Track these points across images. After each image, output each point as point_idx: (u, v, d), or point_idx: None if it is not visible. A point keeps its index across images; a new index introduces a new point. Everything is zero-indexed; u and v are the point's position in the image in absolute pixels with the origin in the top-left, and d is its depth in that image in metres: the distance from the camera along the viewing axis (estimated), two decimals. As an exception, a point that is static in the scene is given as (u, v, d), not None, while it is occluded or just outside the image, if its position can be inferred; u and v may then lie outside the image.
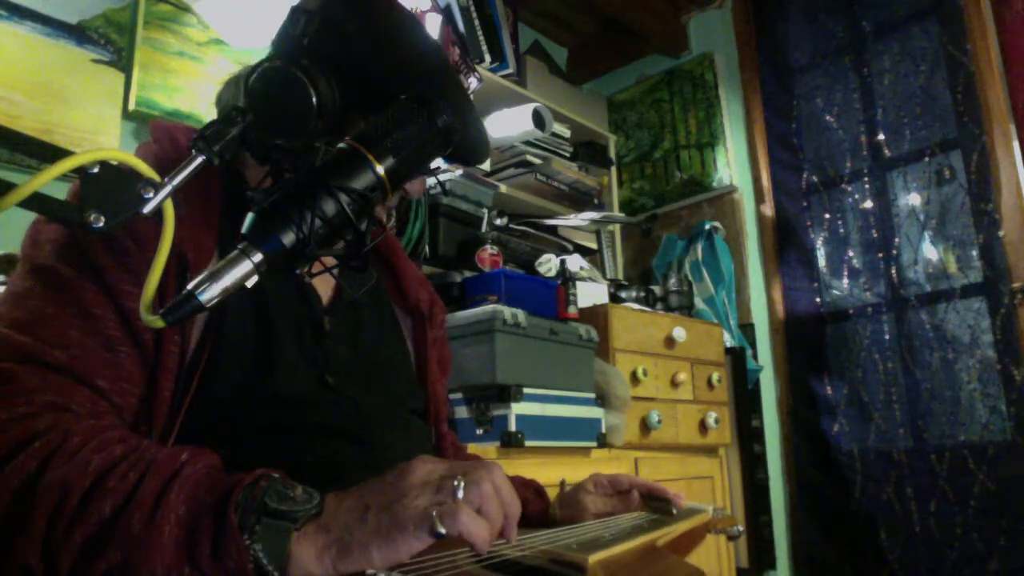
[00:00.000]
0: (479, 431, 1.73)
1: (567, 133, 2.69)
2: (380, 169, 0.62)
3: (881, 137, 2.66)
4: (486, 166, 2.41)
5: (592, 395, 1.92)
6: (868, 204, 2.68)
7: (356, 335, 0.90)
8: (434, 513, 0.50)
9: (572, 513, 0.98)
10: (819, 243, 2.77)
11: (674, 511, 0.93)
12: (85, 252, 0.70)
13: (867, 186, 2.68)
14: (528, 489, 1.05)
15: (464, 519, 0.50)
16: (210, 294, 0.55)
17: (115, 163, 0.54)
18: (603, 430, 1.91)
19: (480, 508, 0.53)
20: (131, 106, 1.92)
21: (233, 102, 0.90)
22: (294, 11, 0.76)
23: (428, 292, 1.06)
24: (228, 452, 0.61)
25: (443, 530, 0.49)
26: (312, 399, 0.80)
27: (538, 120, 2.42)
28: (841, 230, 2.73)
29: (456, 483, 0.52)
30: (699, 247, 2.79)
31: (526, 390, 1.72)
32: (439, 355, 1.04)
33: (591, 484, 0.99)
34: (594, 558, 0.61)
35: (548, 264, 2.24)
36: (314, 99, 0.71)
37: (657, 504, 0.96)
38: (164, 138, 0.82)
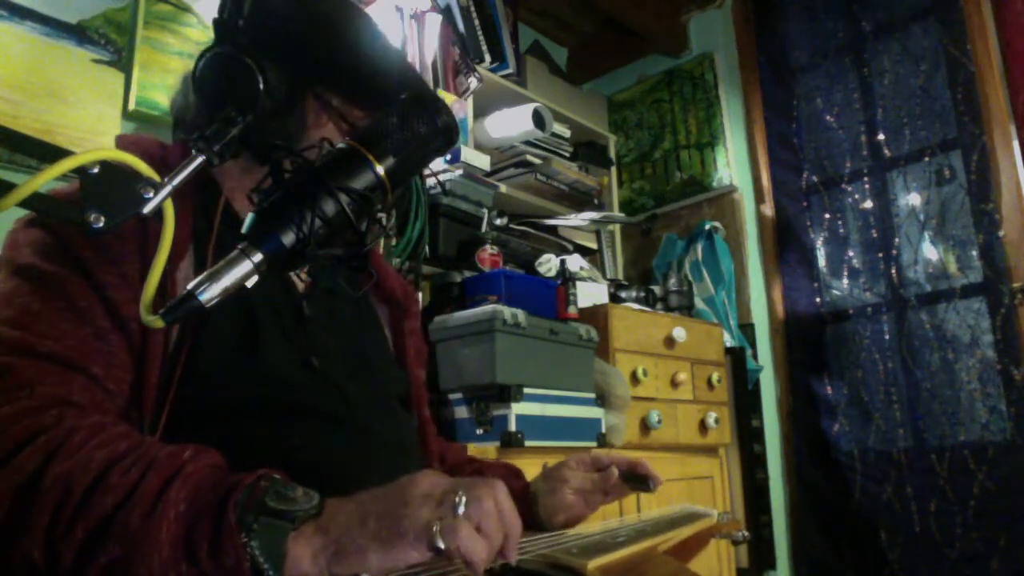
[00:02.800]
0: (479, 431, 1.72)
1: (567, 133, 2.69)
2: (380, 169, 0.62)
3: (881, 137, 2.66)
4: (486, 166, 2.41)
5: (592, 395, 1.91)
6: (868, 204, 2.68)
7: (336, 322, 0.90)
8: (435, 528, 0.50)
9: (552, 487, 0.99)
10: (819, 243, 2.77)
11: (651, 486, 0.96)
12: (66, 247, 0.71)
13: (867, 186, 2.68)
14: (508, 472, 1.08)
15: (463, 535, 0.50)
16: (210, 294, 0.55)
17: (115, 163, 0.54)
18: (603, 430, 1.91)
19: (480, 525, 0.53)
20: (131, 106, 1.92)
21: (182, 97, 0.92)
22: None
23: (401, 284, 1.07)
24: (217, 436, 0.62)
25: (442, 545, 0.50)
26: (298, 382, 0.80)
27: (538, 120, 2.42)
28: (841, 230, 2.73)
29: (458, 498, 0.52)
30: (699, 247, 2.79)
31: (526, 390, 1.72)
32: (416, 346, 1.05)
33: (573, 461, 1.01)
34: (593, 563, 0.61)
35: (548, 264, 2.24)
36: (260, 79, 0.71)
37: (635, 481, 0.98)
38: (131, 148, 0.83)
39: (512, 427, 1.67)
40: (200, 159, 0.60)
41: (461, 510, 0.52)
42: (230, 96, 0.71)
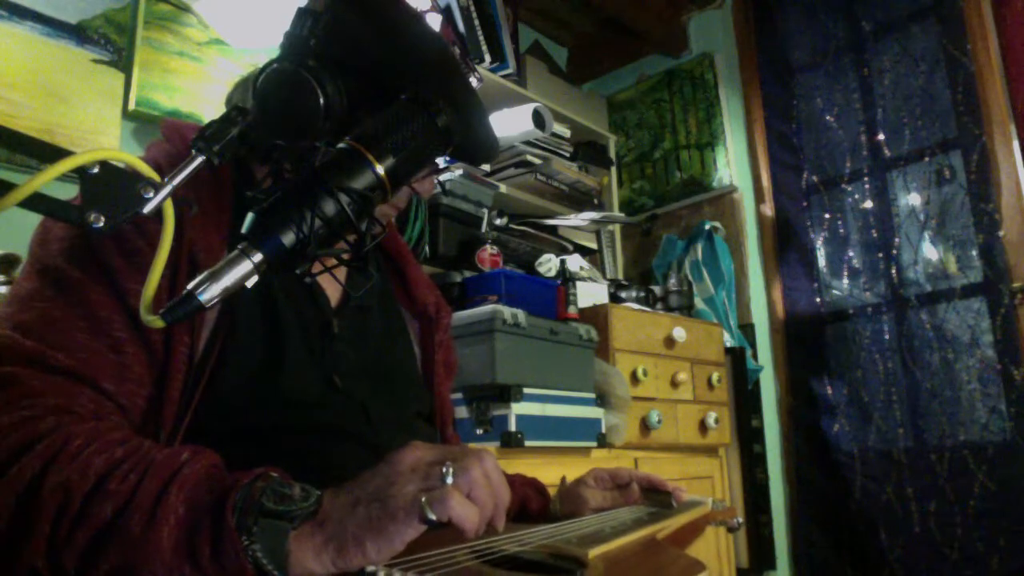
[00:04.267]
0: (479, 431, 1.73)
1: (567, 133, 2.69)
2: (380, 169, 0.62)
3: (881, 137, 2.66)
4: (486, 166, 2.41)
5: (592, 395, 1.92)
6: (868, 204, 2.68)
7: (364, 338, 0.90)
8: (423, 499, 0.50)
9: (573, 507, 0.98)
10: (819, 243, 2.77)
11: (674, 504, 0.94)
12: (94, 252, 0.70)
13: (867, 186, 2.68)
14: (529, 487, 1.06)
15: (453, 504, 0.50)
16: (210, 294, 0.54)
17: (115, 163, 0.54)
18: (603, 430, 1.91)
19: (470, 494, 0.52)
20: (131, 106, 1.92)
21: (242, 104, 0.90)
22: (300, 13, 0.76)
23: (435, 295, 1.06)
24: (236, 452, 0.61)
25: (433, 516, 0.49)
26: (320, 400, 0.80)
27: (538, 120, 2.42)
28: (841, 230, 2.73)
29: (445, 469, 0.52)
30: (699, 247, 2.79)
31: (526, 390, 1.72)
32: (445, 359, 1.04)
33: (591, 478, 1.00)
34: (594, 552, 0.61)
35: (548, 264, 2.24)
36: (322, 100, 0.71)
37: (657, 497, 0.96)
38: (175, 136, 0.83)
39: (512, 427, 1.67)
40: (200, 159, 0.60)
41: (449, 480, 0.51)
42: (288, 113, 0.70)
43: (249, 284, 0.57)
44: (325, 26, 0.75)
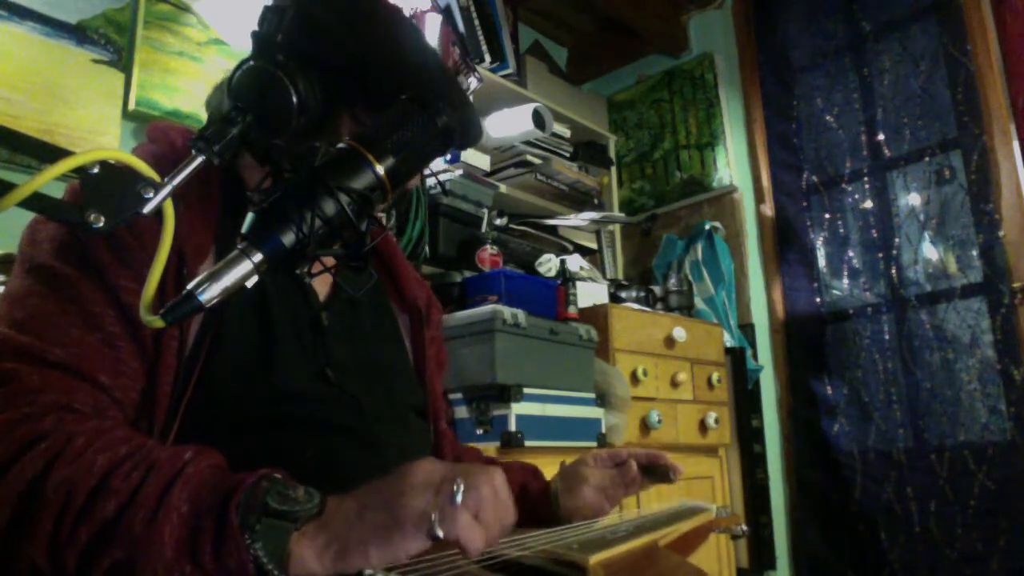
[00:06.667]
0: (479, 431, 1.73)
1: (567, 133, 2.69)
2: (380, 169, 0.62)
3: (881, 137, 2.66)
4: (486, 166, 2.41)
5: (592, 395, 1.92)
6: (868, 204, 2.68)
7: (354, 332, 0.90)
8: (433, 516, 0.50)
9: (572, 484, 0.99)
10: (819, 243, 2.77)
11: (672, 477, 0.96)
12: (84, 249, 0.70)
13: (867, 186, 2.68)
14: (527, 472, 1.07)
15: (461, 523, 0.51)
16: (210, 294, 0.55)
17: (115, 163, 0.54)
18: (603, 430, 1.91)
19: (477, 514, 0.53)
20: (131, 106, 1.92)
21: (219, 105, 0.91)
22: (265, 10, 0.77)
23: (425, 292, 1.06)
24: (229, 446, 0.61)
25: (440, 533, 0.50)
26: (313, 395, 0.80)
27: (538, 120, 2.42)
28: (841, 230, 2.73)
29: (456, 486, 0.52)
30: (699, 247, 2.79)
31: (526, 390, 1.72)
32: (436, 354, 1.04)
33: (590, 458, 1.01)
34: (595, 558, 0.61)
35: (548, 264, 2.24)
36: (294, 96, 0.71)
37: (655, 474, 0.98)
38: (161, 138, 0.83)
39: (512, 427, 1.67)
40: (200, 159, 0.60)
41: (459, 499, 0.52)
42: (262, 110, 0.70)
43: (249, 284, 0.57)
44: (291, 21, 0.75)
